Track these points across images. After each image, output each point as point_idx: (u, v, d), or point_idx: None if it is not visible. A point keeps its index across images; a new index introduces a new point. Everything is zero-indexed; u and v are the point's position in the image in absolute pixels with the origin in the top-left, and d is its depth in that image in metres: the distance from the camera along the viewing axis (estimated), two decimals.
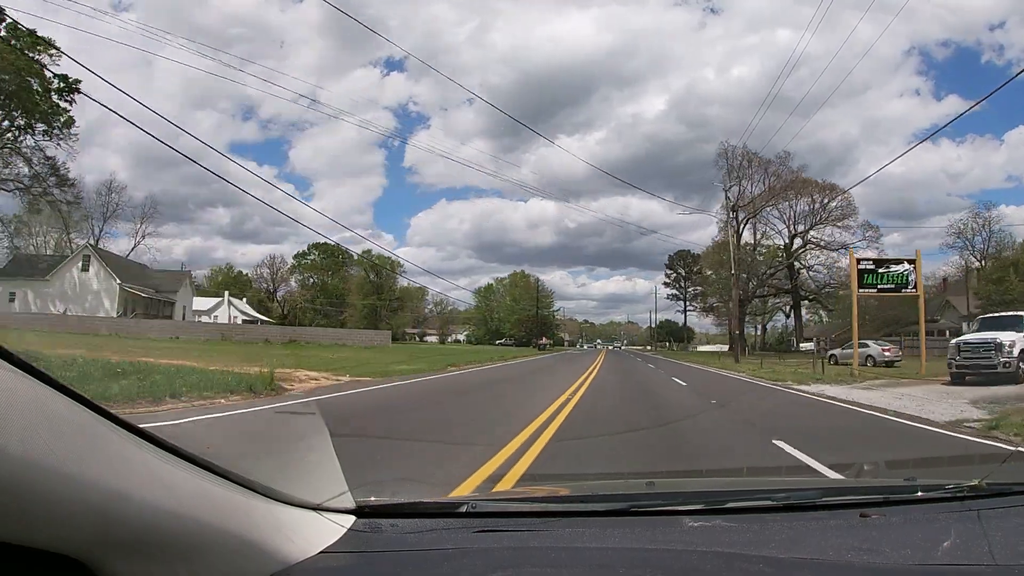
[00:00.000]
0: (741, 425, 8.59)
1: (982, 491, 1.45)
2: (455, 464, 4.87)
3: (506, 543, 1.21)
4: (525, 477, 4.40)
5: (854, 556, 1.13)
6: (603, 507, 1.49)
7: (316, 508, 1.14)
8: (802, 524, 1.33)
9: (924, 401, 11.50)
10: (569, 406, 9.48)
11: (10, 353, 0.66)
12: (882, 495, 1.53)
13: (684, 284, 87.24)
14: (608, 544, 1.20)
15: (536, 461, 5.03)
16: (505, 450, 5.46)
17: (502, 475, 4.46)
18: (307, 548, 1.02)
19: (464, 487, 3.94)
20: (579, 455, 5.80)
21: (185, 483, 0.84)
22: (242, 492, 0.96)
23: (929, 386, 15.22)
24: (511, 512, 1.44)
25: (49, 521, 0.65)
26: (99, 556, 0.73)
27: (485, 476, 4.42)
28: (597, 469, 4.94)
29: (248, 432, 3.36)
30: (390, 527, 1.22)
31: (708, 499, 1.57)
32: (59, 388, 0.70)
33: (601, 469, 4.91)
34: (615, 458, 5.66)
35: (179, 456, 0.86)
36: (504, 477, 4.40)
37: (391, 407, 9.82)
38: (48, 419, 0.66)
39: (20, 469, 0.60)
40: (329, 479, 1.29)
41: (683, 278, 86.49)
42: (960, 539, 1.20)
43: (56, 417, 0.68)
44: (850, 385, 16.02)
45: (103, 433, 0.75)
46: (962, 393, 12.75)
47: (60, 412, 0.69)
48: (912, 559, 1.11)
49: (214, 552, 0.85)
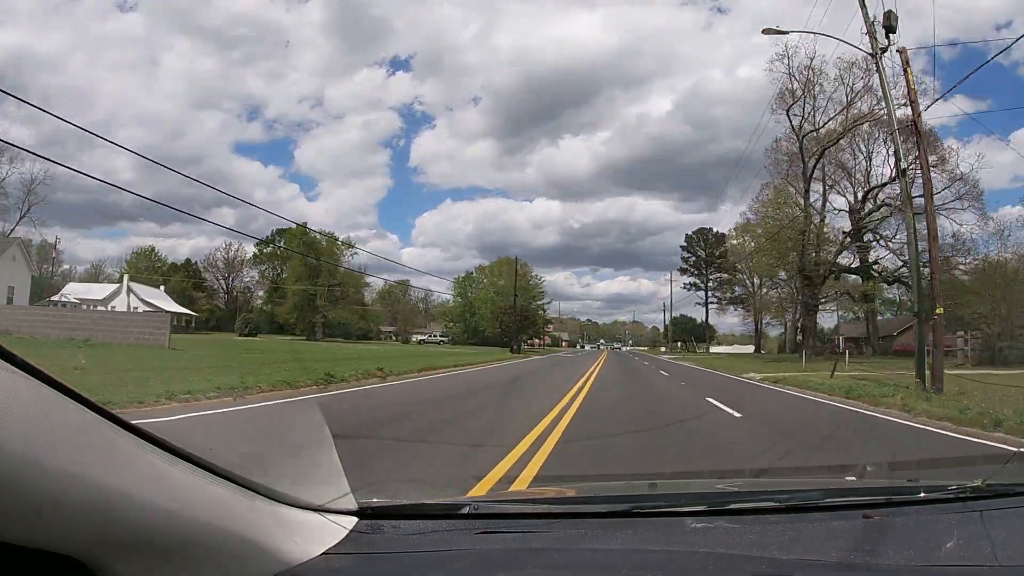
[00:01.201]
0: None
1: (985, 492, 1.45)
2: None
3: (508, 544, 1.21)
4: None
5: (857, 557, 1.13)
6: (605, 508, 1.49)
7: (318, 509, 1.14)
8: (805, 525, 1.33)
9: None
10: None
11: (11, 354, 0.66)
12: (885, 496, 1.53)
13: (705, 269, 68.61)
14: (610, 545, 1.21)
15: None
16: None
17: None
18: (309, 549, 1.02)
19: None
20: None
21: (186, 484, 0.84)
22: (244, 493, 0.96)
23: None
24: (513, 513, 1.44)
25: (50, 521, 0.65)
26: (100, 557, 0.73)
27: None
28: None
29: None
30: (392, 528, 1.22)
31: (711, 500, 1.57)
32: (61, 389, 0.70)
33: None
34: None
35: (181, 457, 0.86)
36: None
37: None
38: (50, 420, 0.66)
39: (21, 469, 0.60)
40: (331, 480, 1.29)
41: (704, 263, 67.79)
42: (963, 540, 1.20)
43: (58, 418, 0.68)
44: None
45: (104, 434, 0.75)
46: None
47: (61, 413, 0.69)
48: (915, 560, 1.11)
49: (216, 553, 0.85)
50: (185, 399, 7.98)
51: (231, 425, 6.89)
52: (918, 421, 8.84)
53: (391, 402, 10.45)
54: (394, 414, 8.72)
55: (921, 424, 8.61)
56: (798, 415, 10.09)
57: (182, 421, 6.42)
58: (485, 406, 10.54)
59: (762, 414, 10.03)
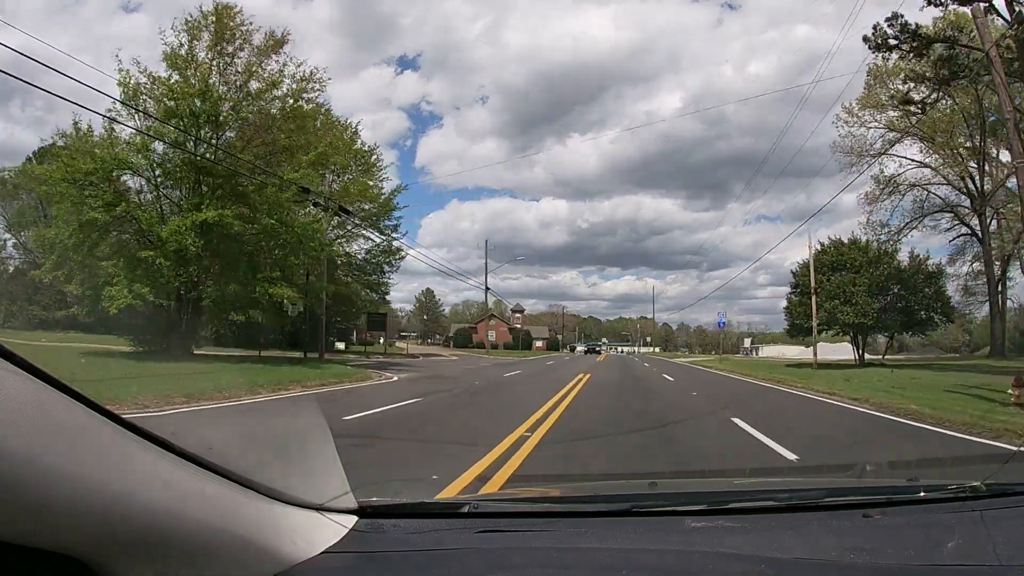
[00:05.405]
0: None
1: (984, 492, 1.45)
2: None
3: (508, 543, 1.21)
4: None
5: (857, 557, 1.13)
6: (605, 507, 1.49)
7: (318, 508, 1.13)
8: (805, 525, 1.33)
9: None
10: None
11: (12, 354, 0.66)
12: (885, 496, 1.53)
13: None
14: (610, 544, 1.20)
15: None
16: None
17: None
18: (309, 548, 1.01)
19: None
20: None
21: (187, 484, 0.84)
22: (244, 492, 0.96)
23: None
24: (513, 512, 1.44)
25: (50, 521, 0.65)
26: (100, 556, 0.73)
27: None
28: None
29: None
30: (392, 527, 1.22)
31: (711, 500, 1.57)
32: (62, 389, 0.70)
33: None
34: None
35: (181, 456, 0.85)
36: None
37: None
38: (51, 420, 0.66)
39: (22, 469, 0.60)
40: (331, 479, 1.29)
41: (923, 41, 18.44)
42: (963, 540, 1.20)
43: (59, 418, 0.68)
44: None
45: (105, 433, 0.75)
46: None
47: (63, 413, 0.69)
48: (915, 559, 1.12)
49: (216, 552, 0.85)
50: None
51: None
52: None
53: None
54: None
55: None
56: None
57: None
58: None
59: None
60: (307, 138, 22.56)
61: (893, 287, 30.38)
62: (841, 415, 10.30)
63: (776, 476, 4.15)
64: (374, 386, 14.67)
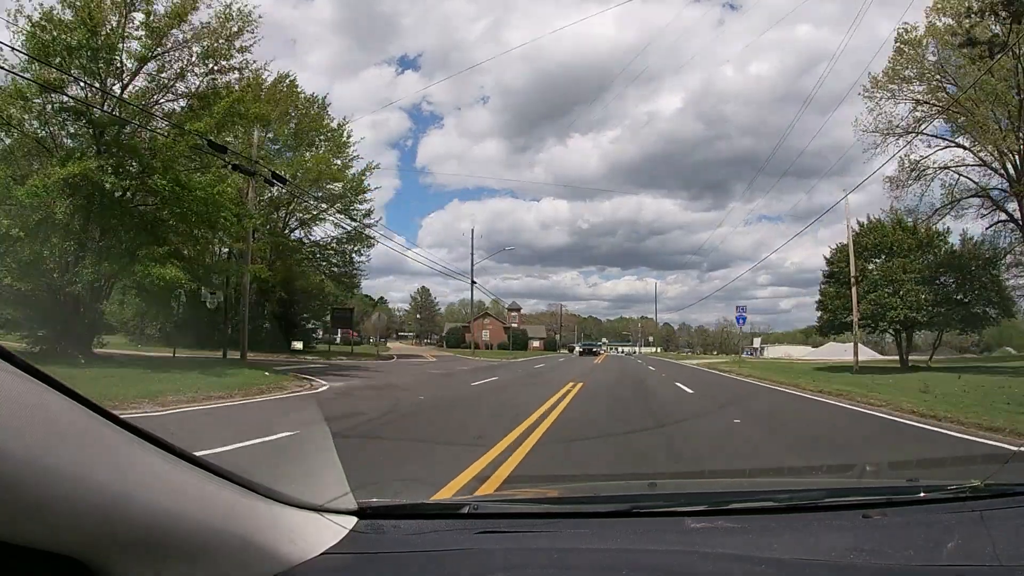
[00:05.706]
0: None
1: (984, 492, 1.47)
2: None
3: (508, 544, 1.23)
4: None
5: (857, 557, 1.14)
6: (605, 508, 1.51)
7: (318, 509, 1.15)
8: (805, 525, 1.34)
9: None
10: None
11: (12, 355, 0.66)
12: (885, 496, 1.55)
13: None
14: (610, 545, 1.22)
15: None
16: None
17: None
18: (309, 549, 1.02)
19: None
20: None
21: (186, 484, 0.84)
22: (244, 493, 0.96)
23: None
24: (513, 513, 1.46)
25: (50, 522, 0.65)
26: (100, 557, 0.74)
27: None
28: None
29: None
30: (392, 528, 1.24)
31: (711, 500, 1.59)
32: (62, 390, 0.70)
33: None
34: None
35: (181, 457, 0.86)
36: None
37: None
38: (51, 421, 0.67)
39: (22, 470, 0.61)
40: (331, 480, 1.37)
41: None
42: (963, 540, 1.22)
43: (58, 419, 0.68)
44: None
45: (105, 435, 0.75)
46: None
47: (62, 414, 0.69)
48: (915, 560, 1.13)
49: (216, 553, 0.86)
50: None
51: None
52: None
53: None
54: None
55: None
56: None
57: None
58: None
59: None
60: (249, 104, 17.54)
61: (945, 275, 25.50)
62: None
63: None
64: (258, 405, 9.54)
